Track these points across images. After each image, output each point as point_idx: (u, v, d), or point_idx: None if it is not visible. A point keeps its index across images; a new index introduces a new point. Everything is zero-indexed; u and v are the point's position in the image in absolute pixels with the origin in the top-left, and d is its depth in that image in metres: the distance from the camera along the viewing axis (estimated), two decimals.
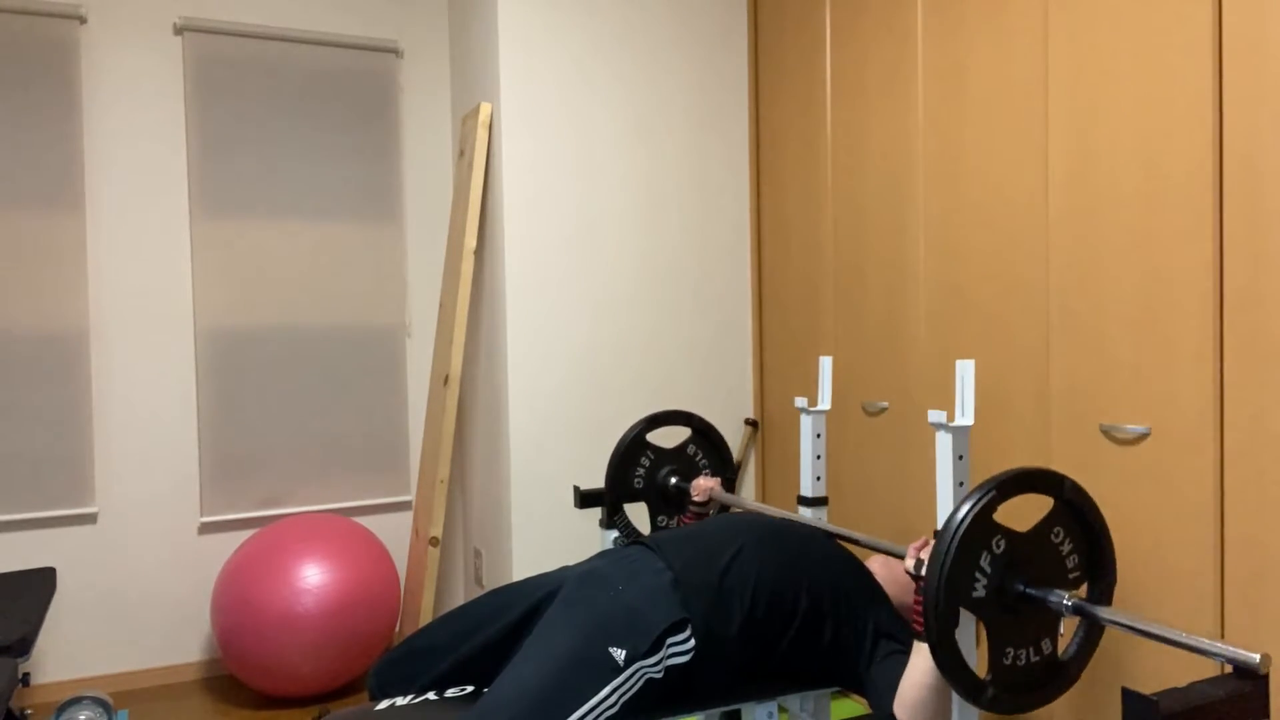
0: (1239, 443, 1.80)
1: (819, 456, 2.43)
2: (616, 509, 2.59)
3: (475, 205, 3.20)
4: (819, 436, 2.43)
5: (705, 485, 2.44)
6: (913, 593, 1.90)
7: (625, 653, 1.61)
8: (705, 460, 2.67)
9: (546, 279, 3.11)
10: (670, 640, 1.65)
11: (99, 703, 2.54)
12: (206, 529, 3.38)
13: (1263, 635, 1.77)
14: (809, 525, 2.01)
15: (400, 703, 1.72)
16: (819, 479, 2.40)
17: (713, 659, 1.69)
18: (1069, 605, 1.45)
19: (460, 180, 3.38)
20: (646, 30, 3.24)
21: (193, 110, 3.34)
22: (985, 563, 1.45)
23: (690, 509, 2.47)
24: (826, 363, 2.43)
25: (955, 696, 1.58)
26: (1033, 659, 1.50)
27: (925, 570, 1.47)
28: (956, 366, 1.81)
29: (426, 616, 3.24)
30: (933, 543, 1.57)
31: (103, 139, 3.24)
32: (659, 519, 2.65)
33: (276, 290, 3.45)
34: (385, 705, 1.71)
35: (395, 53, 3.62)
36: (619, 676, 1.59)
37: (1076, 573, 1.55)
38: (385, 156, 3.61)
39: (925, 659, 1.58)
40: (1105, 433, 2.06)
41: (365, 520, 3.61)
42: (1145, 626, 1.34)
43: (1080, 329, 2.13)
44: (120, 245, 3.26)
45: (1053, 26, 2.18)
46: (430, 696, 1.75)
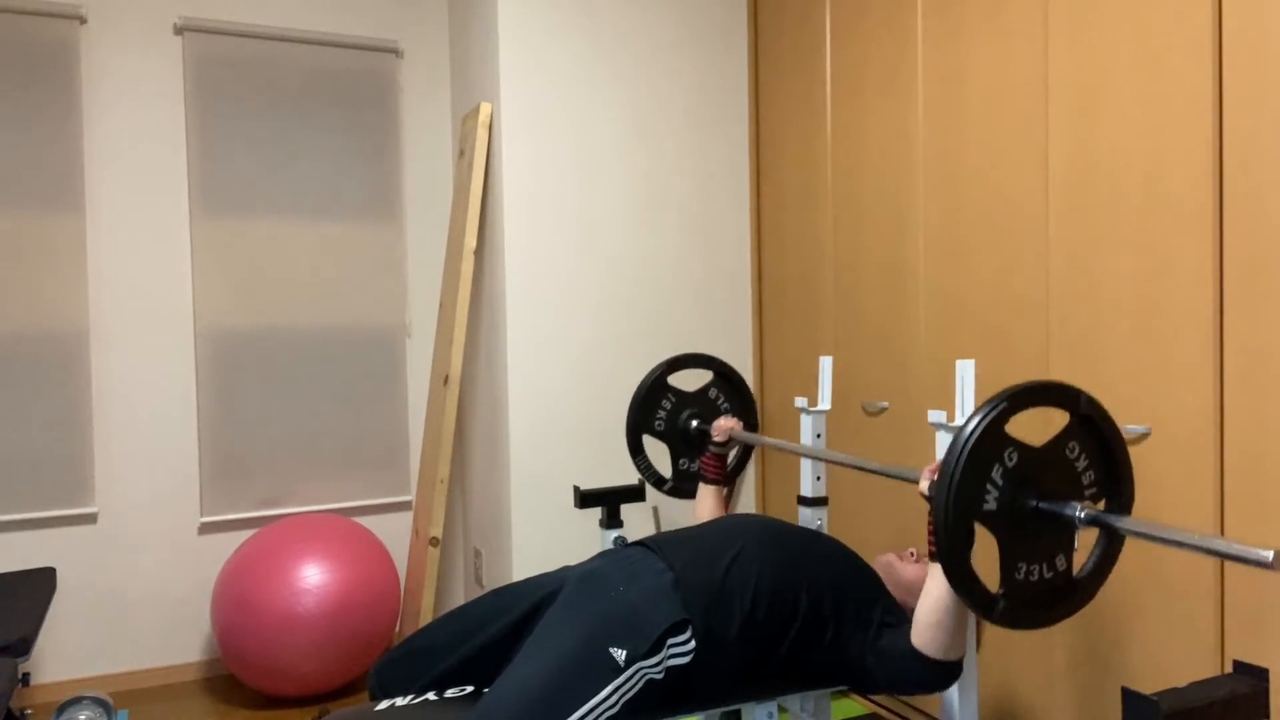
0: (1239, 443, 1.80)
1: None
2: (638, 450, 2.59)
3: (475, 205, 3.20)
4: (819, 436, 2.43)
5: (726, 425, 2.43)
6: (915, 592, 1.90)
7: (626, 653, 1.61)
8: (727, 403, 2.67)
9: (546, 279, 3.11)
10: (671, 641, 1.65)
11: (99, 703, 2.54)
12: (206, 529, 3.38)
13: (1263, 635, 1.77)
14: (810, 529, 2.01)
15: (400, 703, 1.72)
16: (819, 479, 2.40)
17: (713, 660, 1.70)
18: (1084, 517, 1.41)
19: (460, 180, 3.38)
20: (646, 30, 3.24)
21: (193, 110, 3.34)
22: (996, 475, 1.42)
23: (710, 449, 2.45)
24: (826, 363, 2.44)
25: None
26: (1046, 575, 1.46)
27: (935, 483, 1.44)
28: (956, 366, 1.82)
29: (426, 616, 3.24)
30: None
31: (103, 139, 3.24)
32: (680, 461, 2.65)
33: (276, 290, 3.45)
34: (385, 705, 1.71)
35: (395, 53, 3.62)
36: (619, 677, 1.59)
37: (1093, 489, 1.50)
38: (385, 156, 3.61)
39: (939, 580, 1.57)
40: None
41: (365, 520, 3.62)
42: (1166, 534, 1.29)
43: (1080, 329, 2.13)
44: (120, 245, 3.26)
45: (1053, 27, 2.18)
46: (430, 697, 1.75)
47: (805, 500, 2.41)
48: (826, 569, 1.82)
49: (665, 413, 2.61)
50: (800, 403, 2.43)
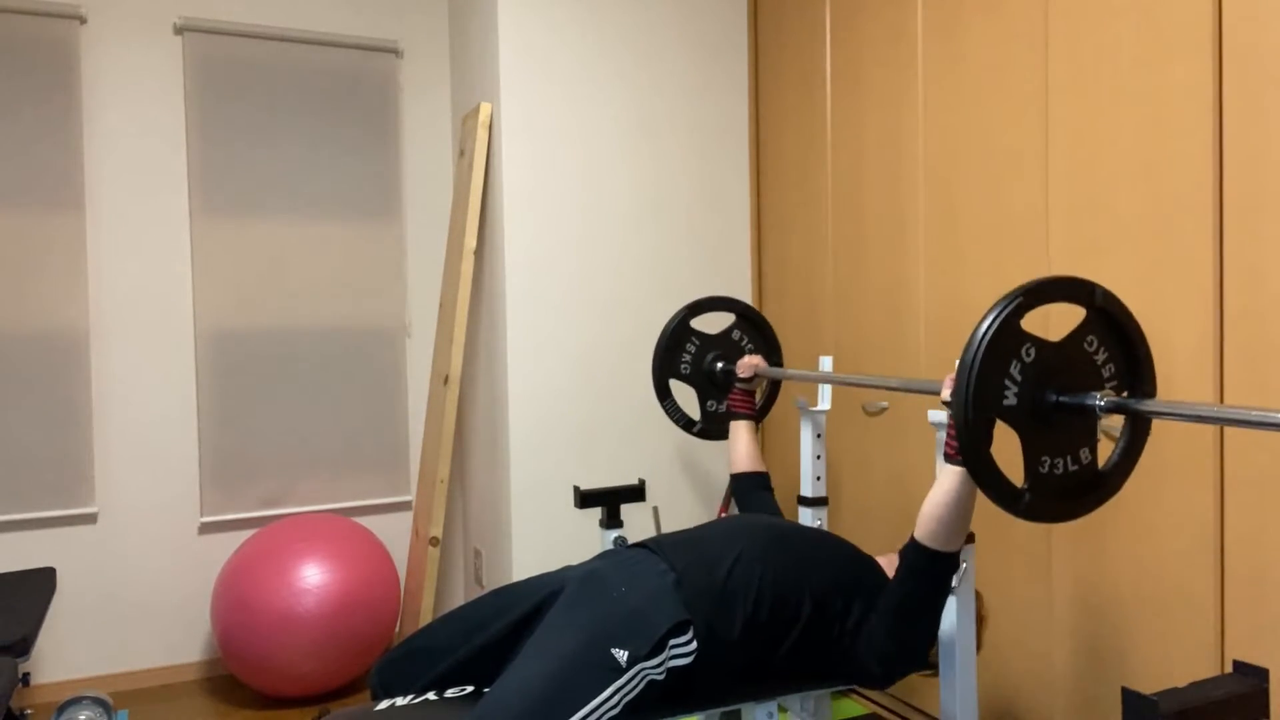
0: (1239, 443, 1.80)
1: (819, 456, 2.43)
2: (665, 393, 2.62)
3: (475, 205, 3.20)
4: (819, 436, 2.43)
5: (751, 362, 2.46)
6: None
7: (627, 654, 1.61)
8: (750, 344, 2.70)
9: (546, 279, 3.11)
10: (673, 642, 1.65)
11: (99, 703, 2.54)
12: (206, 529, 3.38)
13: (1263, 636, 1.77)
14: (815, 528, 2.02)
15: (400, 703, 1.72)
16: (819, 479, 2.40)
17: (714, 661, 1.70)
18: (1105, 404, 1.39)
19: (460, 180, 3.38)
20: (646, 30, 3.24)
21: (193, 110, 3.34)
22: (1015, 370, 1.41)
23: (737, 386, 2.48)
24: (826, 363, 2.44)
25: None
26: (1071, 468, 1.45)
27: (954, 381, 1.42)
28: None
29: (426, 616, 3.24)
30: None
31: (103, 138, 3.24)
32: (708, 403, 2.68)
33: (276, 290, 3.45)
34: (385, 705, 1.71)
35: (395, 53, 3.62)
36: (621, 678, 1.59)
37: (1114, 381, 1.48)
38: (385, 156, 3.61)
39: (949, 477, 1.57)
40: (1105, 433, 2.06)
41: (365, 520, 3.62)
42: (1192, 410, 1.26)
43: None
44: (120, 245, 3.26)
45: (1053, 28, 2.18)
46: (430, 697, 1.75)
47: (805, 500, 2.42)
48: (831, 569, 1.82)
49: (690, 356, 2.64)
50: (800, 403, 2.43)
